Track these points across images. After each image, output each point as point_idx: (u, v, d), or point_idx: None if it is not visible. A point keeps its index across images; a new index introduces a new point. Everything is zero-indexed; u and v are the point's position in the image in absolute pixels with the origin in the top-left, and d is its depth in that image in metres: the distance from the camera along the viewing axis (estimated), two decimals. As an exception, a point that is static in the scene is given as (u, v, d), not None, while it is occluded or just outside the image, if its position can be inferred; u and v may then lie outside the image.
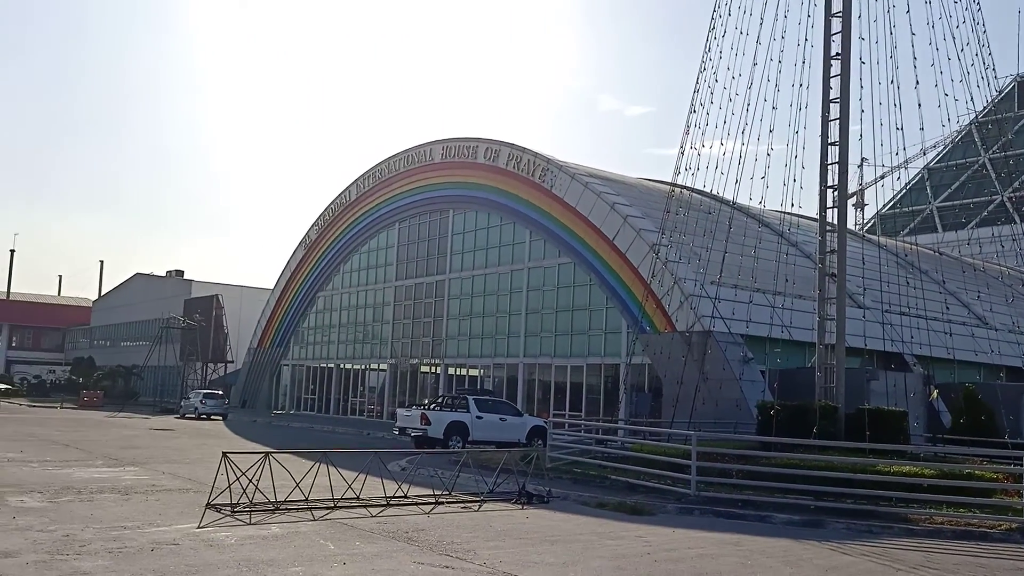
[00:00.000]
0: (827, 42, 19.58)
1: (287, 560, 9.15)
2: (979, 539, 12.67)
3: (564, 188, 33.36)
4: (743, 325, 24.30)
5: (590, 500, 14.97)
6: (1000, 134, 45.08)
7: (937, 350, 24.09)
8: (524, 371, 35.44)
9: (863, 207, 72.59)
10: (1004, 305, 29.87)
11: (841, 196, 19.35)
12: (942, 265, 33.23)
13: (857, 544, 11.87)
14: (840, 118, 19.19)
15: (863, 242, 32.94)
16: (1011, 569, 10.43)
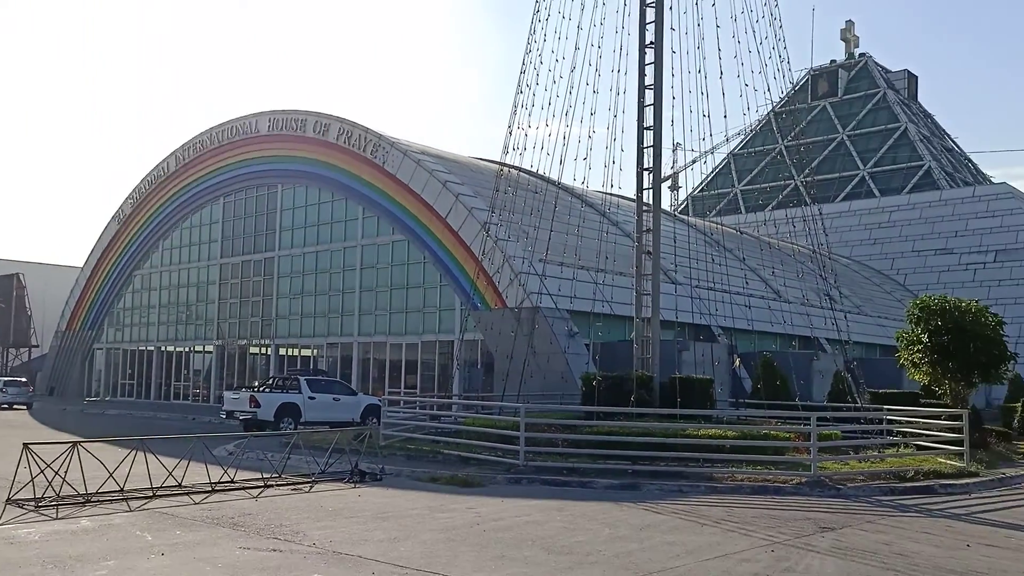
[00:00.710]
0: (642, 31, 20.63)
1: (99, 554, 8.80)
2: (774, 493, 14.09)
3: (396, 165, 33.22)
4: (568, 301, 25.35)
5: (423, 475, 15.28)
6: (794, 123, 49.41)
7: (740, 322, 26.22)
8: (359, 350, 35.20)
9: (677, 189, 77.31)
10: (796, 280, 32.89)
11: (656, 178, 20.58)
12: (744, 244, 36.09)
13: (668, 503, 12.89)
14: (654, 104, 20.34)
15: (676, 222, 35.12)
16: (801, 519, 11.70)
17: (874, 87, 72.40)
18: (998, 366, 23.18)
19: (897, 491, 14.47)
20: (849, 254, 59.80)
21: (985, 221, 57.67)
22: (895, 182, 66.43)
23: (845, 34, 77.00)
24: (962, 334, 22.25)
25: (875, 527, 11.15)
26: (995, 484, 15.96)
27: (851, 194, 67.92)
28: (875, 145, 69.39)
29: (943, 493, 14.57)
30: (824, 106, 74.01)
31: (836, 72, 74.79)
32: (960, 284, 51.97)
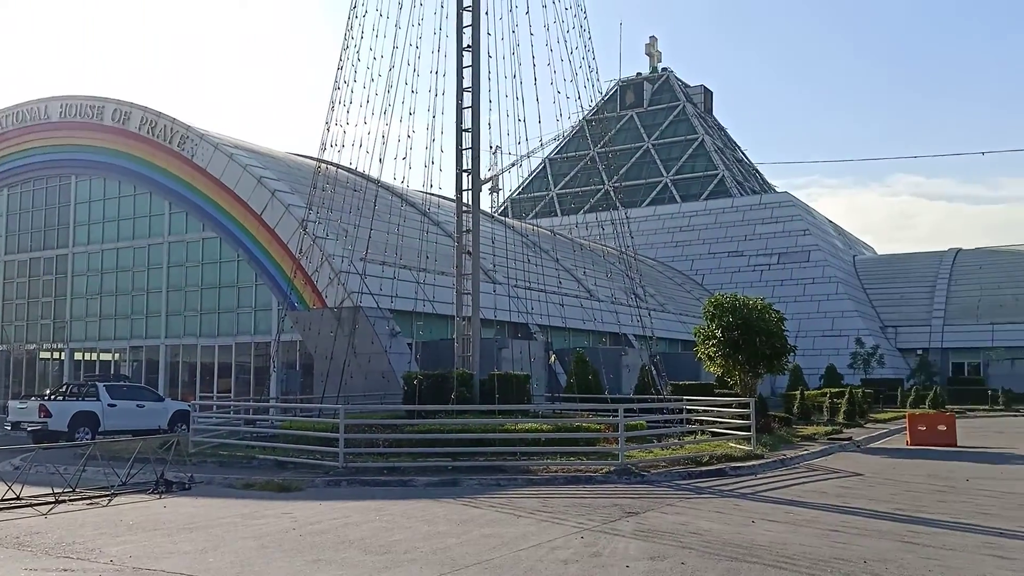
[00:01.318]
0: (459, 34, 21.01)
1: None
2: (586, 482, 14.84)
3: (207, 158, 31.65)
4: (390, 300, 25.33)
5: (236, 482, 14.76)
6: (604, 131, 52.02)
7: (555, 320, 27.35)
8: (167, 353, 33.23)
9: (498, 191, 79.05)
10: (606, 279, 34.73)
11: (474, 180, 21.04)
12: (559, 245, 37.56)
13: (487, 497, 13.26)
14: (472, 107, 20.78)
15: (496, 223, 35.95)
16: (609, 505, 12.41)
17: (675, 100, 77.55)
18: (780, 358, 25.65)
19: (694, 475, 15.68)
20: (654, 256, 63.66)
21: (770, 227, 63.36)
22: (694, 189, 71.55)
23: (649, 49, 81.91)
24: (750, 329, 24.41)
25: (674, 509, 12.06)
26: (777, 465, 17.68)
27: (656, 199, 72.34)
28: (676, 154, 74.40)
29: (733, 475, 15.95)
30: (631, 116, 78.32)
31: (642, 84, 79.40)
32: (749, 284, 56.74)
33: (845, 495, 13.70)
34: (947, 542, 9.76)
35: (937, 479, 15.92)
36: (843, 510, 12.13)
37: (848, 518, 11.46)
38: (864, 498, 13.35)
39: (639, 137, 76.85)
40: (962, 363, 54.87)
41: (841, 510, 12.13)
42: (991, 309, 55.29)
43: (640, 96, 78.65)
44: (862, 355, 50.17)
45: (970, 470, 17.41)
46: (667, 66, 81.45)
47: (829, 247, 64.12)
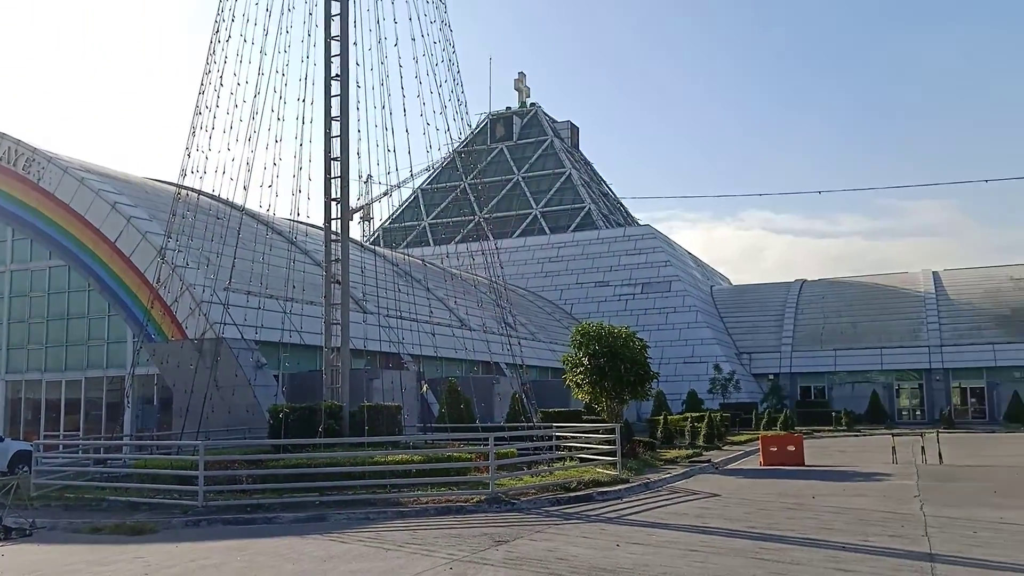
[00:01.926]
0: (327, 63, 20.84)
1: None
2: (457, 512, 14.82)
3: (55, 182, 29.80)
4: (255, 331, 24.52)
5: (83, 527, 13.83)
6: (475, 163, 52.72)
7: (427, 349, 27.25)
8: (7, 390, 30.79)
9: (370, 220, 78.47)
10: (477, 308, 34.99)
11: (344, 209, 20.80)
12: (431, 274, 37.56)
13: (355, 531, 13.02)
14: (341, 135, 20.61)
15: (366, 252, 35.61)
16: (479, 535, 12.45)
17: (543, 134, 79.67)
18: (644, 384, 26.57)
19: (563, 501, 15.98)
20: (525, 285, 64.71)
21: (634, 258, 65.79)
22: (563, 221, 73.47)
23: (518, 84, 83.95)
24: (615, 357, 25.19)
25: (543, 536, 12.25)
26: (642, 488, 18.28)
27: (526, 230, 73.73)
28: (545, 187, 76.28)
29: (600, 500, 16.36)
30: (502, 149, 79.78)
31: (511, 118, 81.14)
32: (615, 313, 58.56)
33: (704, 515, 14.32)
34: (795, 557, 10.39)
35: (787, 497, 16.89)
36: (701, 530, 12.68)
37: (706, 538, 11.99)
38: (721, 518, 14.00)
39: (509, 170, 78.28)
40: (809, 387, 58.50)
41: (700, 530, 12.68)
42: (833, 336, 59.36)
43: (510, 130, 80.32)
44: (720, 380, 52.61)
45: (816, 488, 18.57)
46: (535, 101, 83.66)
47: (689, 278, 67.14)
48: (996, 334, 55.18)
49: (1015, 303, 56.89)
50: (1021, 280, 59.08)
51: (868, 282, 65.60)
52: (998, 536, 11.69)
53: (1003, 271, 61.59)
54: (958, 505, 15.11)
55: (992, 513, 13.97)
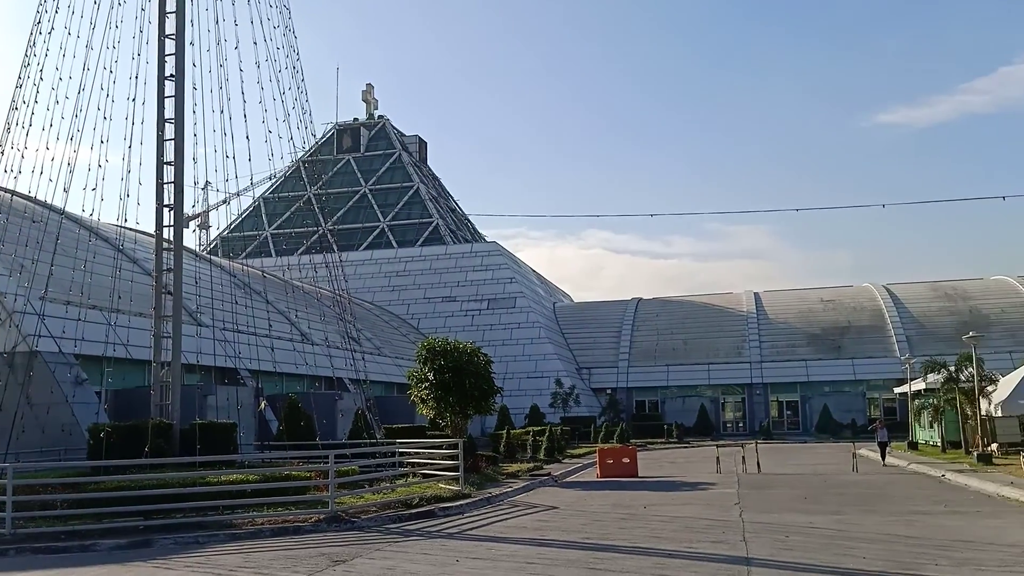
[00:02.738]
0: (161, 61, 19.77)
1: None
2: (294, 533, 14.38)
3: None
4: (75, 344, 22.83)
5: None
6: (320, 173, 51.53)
7: (266, 364, 26.31)
8: None
9: (208, 228, 75.00)
10: (320, 322, 34.22)
11: (177, 216, 19.78)
12: (272, 287, 36.37)
13: (183, 557, 12.35)
14: (175, 139, 19.59)
15: (202, 262, 34.01)
16: (316, 555, 12.14)
17: (391, 147, 79.29)
18: (488, 399, 26.88)
19: (404, 518, 15.88)
20: (372, 299, 63.91)
21: (480, 274, 66.56)
22: (410, 235, 73.24)
23: (366, 96, 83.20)
24: (460, 372, 25.34)
25: (383, 554, 12.12)
26: (483, 503, 18.46)
27: (373, 244, 72.92)
28: (393, 200, 75.82)
29: (442, 516, 16.38)
30: (349, 160, 78.67)
31: (359, 129, 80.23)
32: (462, 328, 58.95)
33: (542, 528, 14.66)
34: (625, 566, 10.83)
35: (621, 508, 17.58)
36: (539, 543, 12.97)
37: (543, 550, 12.28)
38: (558, 530, 14.38)
39: (356, 182, 77.25)
40: (644, 401, 61.22)
41: (537, 543, 12.96)
42: (666, 352, 62.46)
43: (357, 141, 79.35)
44: (561, 395, 54.02)
45: (648, 498, 19.45)
46: (383, 114, 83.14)
47: (533, 294, 68.67)
48: (808, 352, 59.93)
49: (825, 323, 62.06)
50: (831, 302, 64.55)
51: (697, 301, 69.59)
52: (808, 540, 12.69)
53: (815, 293, 67.07)
54: (773, 511, 16.27)
55: (803, 518, 15.14)
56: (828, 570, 10.22)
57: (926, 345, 53.49)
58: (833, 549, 11.76)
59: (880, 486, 21.24)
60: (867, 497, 18.59)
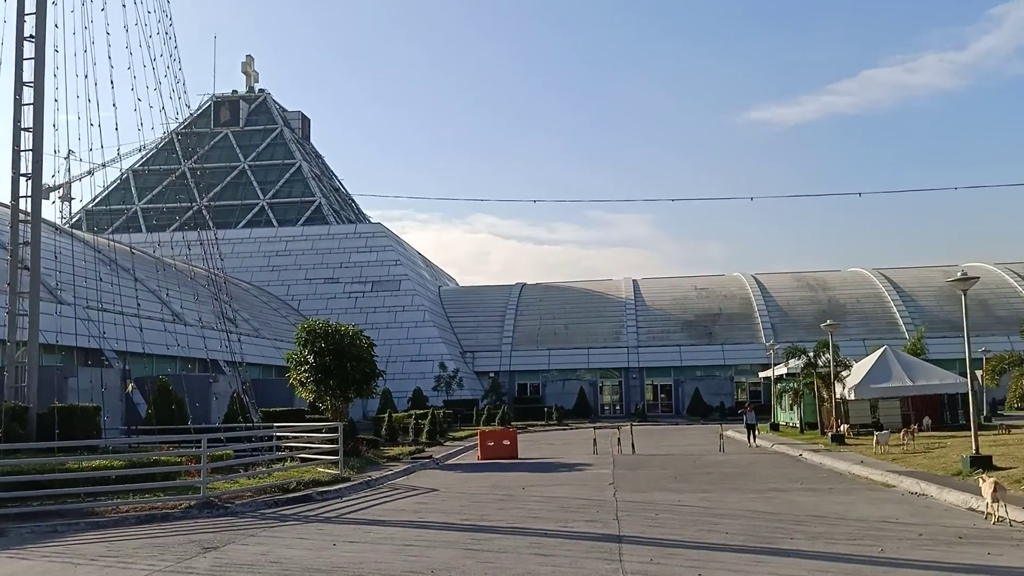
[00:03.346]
0: (20, 21, 18.38)
1: None
2: (162, 520, 13.84)
3: None
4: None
5: None
6: (195, 146, 49.27)
7: (134, 345, 25.11)
8: None
9: (70, 200, 70.44)
10: (194, 302, 32.90)
11: (35, 186, 18.51)
12: (142, 264, 34.63)
13: (40, 546, 11.69)
14: (34, 104, 18.32)
15: (62, 235, 31.96)
16: (186, 542, 11.73)
17: (273, 123, 76.79)
18: (370, 382, 26.63)
19: (281, 502, 15.57)
20: (250, 279, 61.91)
21: (364, 255, 65.63)
22: (291, 214, 71.27)
23: (246, 67, 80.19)
24: (341, 355, 24.97)
25: (257, 540, 11.85)
26: (363, 487, 18.32)
27: (252, 222, 70.56)
28: (274, 177, 73.53)
29: (320, 500, 16.15)
30: (227, 134, 75.70)
31: (238, 102, 77.26)
32: (344, 310, 58.02)
33: (422, 510, 14.70)
34: (503, 546, 11.02)
35: (500, 489, 17.84)
36: (418, 525, 13.01)
37: (422, 532, 12.33)
38: (438, 512, 14.46)
39: (235, 157, 74.49)
40: (526, 384, 62.14)
41: (417, 525, 13.00)
42: (548, 337, 63.57)
43: (236, 115, 76.40)
44: (444, 378, 54.15)
45: (527, 479, 19.81)
46: (265, 87, 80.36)
47: (418, 277, 68.31)
48: (682, 337, 62.36)
49: (698, 310, 64.68)
50: (704, 290, 67.30)
51: (579, 287, 71.08)
52: (676, 517, 13.27)
53: (689, 281, 69.77)
54: (645, 490, 16.91)
55: (673, 496, 15.81)
56: (694, 545, 10.73)
57: (789, 332, 56.63)
58: (699, 525, 12.35)
59: (744, 465, 22.40)
60: (732, 476, 19.58)
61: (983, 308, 56.59)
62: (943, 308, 58.41)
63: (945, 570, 8.95)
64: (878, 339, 49.96)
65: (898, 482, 16.93)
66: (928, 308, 59.90)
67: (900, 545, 10.42)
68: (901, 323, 58.94)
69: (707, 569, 9.18)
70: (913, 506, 14.00)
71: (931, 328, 53.81)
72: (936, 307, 59.29)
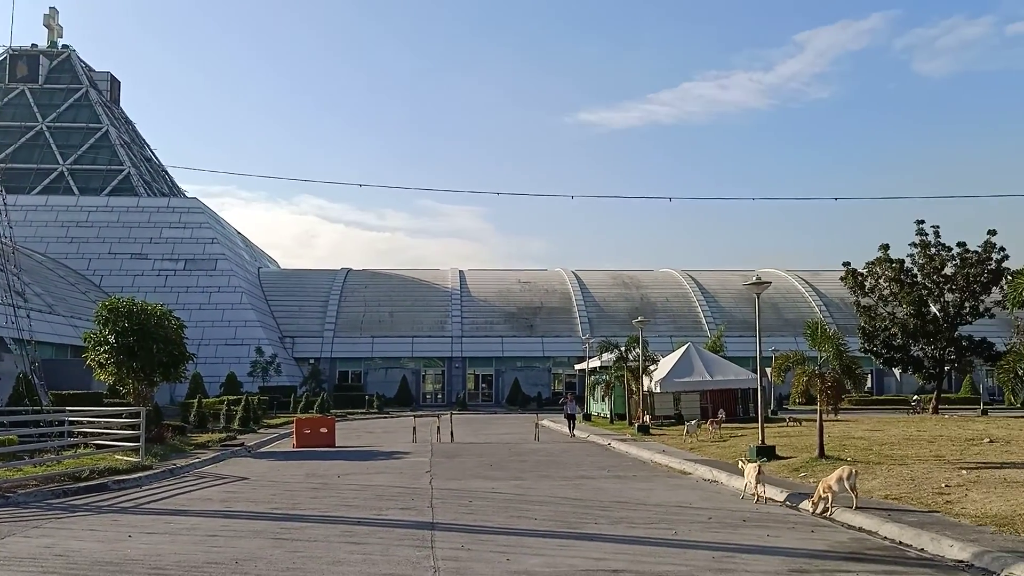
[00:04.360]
0: None
1: None
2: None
3: None
4: None
5: None
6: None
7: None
8: None
9: None
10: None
11: None
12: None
13: None
14: None
15: None
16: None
17: (77, 82, 70.69)
18: (178, 366, 25.26)
19: (71, 492, 14.45)
20: (44, 251, 56.80)
21: (178, 231, 61.90)
22: (95, 183, 65.94)
23: (48, 20, 73.28)
24: (147, 336, 23.50)
25: (41, 531, 10.93)
26: (166, 475, 17.35)
27: (49, 188, 64.74)
28: (76, 142, 67.71)
29: (116, 489, 15.14)
30: (23, 90, 68.96)
31: (38, 57, 70.56)
32: (153, 289, 54.52)
33: (229, 500, 14.13)
34: (314, 534, 10.82)
35: (315, 477, 17.48)
36: (225, 514, 12.50)
37: (229, 522, 11.86)
38: (247, 501, 13.97)
39: (32, 116, 67.94)
40: (348, 371, 61.10)
41: (223, 515, 12.48)
42: (372, 324, 62.82)
43: (35, 70, 69.62)
44: (261, 364, 52.27)
45: (343, 467, 19.53)
46: (69, 43, 73.76)
47: (237, 257, 65.31)
48: (504, 329, 63.65)
49: (521, 303, 66.26)
50: (527, 284, 69.02)
51: (406, 275, 70.76)
52: (489, 504, 13.57)
53: (514, 274, 71.34)
54: (461, 478, 17.16)
55: (487, 484, 16.15)
56: (504, 531, 11.03)
57: (605, 327, 59.23)
58: (510, 512, 12.70)
59: (556, 454, 23.25)
60: (544, 464, 20.27)
61: (775, 311, 61.85)
62: (741, 309, 63.24)
63: (729, 550, 9.74)
64: (684, 336, 53.31)
65: (694, 470, 18.22)
66: (728, 309, 64.63)
67: (692, 528, 11.22)
68: (704, 322, 63.21)
69: (515, 554, 9.47)
70: (706, 492, 15.11)
71: (730, 327, 58.16)
72: (735, 308, 64.08)
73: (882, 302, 42.19)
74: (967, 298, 40.10)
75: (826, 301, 64.95)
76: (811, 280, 68.64)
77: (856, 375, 19.48)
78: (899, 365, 42.99)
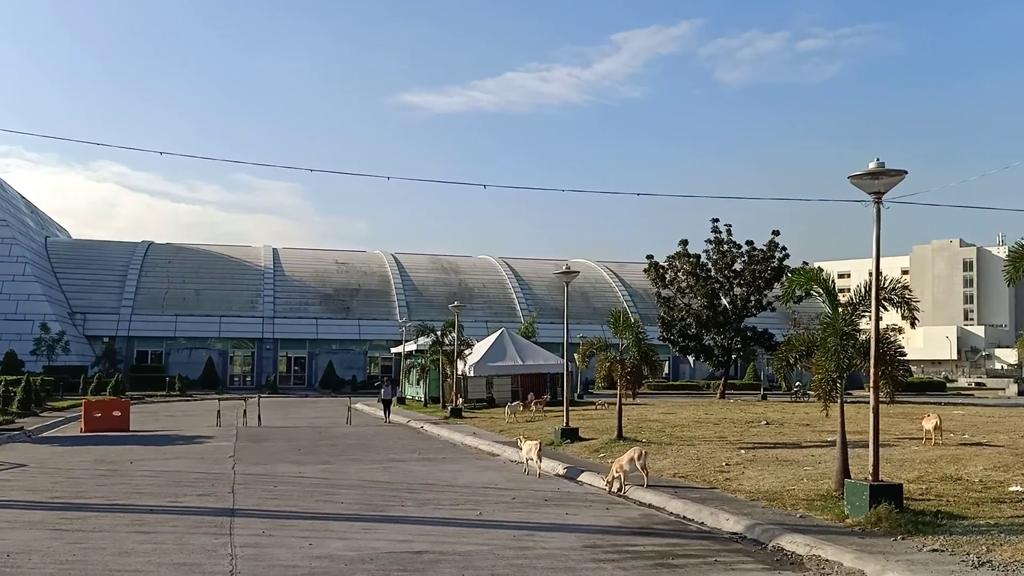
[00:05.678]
0: None
1: None
2: None
3: None
4: None
5: None
6: None
7: None
8: None
9: None
10: None
11: None
12: None
13: None
14: None
15: None
16: None
17: None
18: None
19: None
20: None
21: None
22: None
23: None
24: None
25: None
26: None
27: None
28: None
29: None
30: None
31: None
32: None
33: (4, 488, 12.96)
34: (99, 524, 10.15)
35: (104, 464, 16.36)
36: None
37: (1, 512, 10.87)
38: (23, 489, 12.87)
39: None
40: (147, 351, 57.30)
41: (-6, 506, 11.43)
42: (176, 302, 59.24)
43: None
44: (47, 341, 48.11)
45: (137, 453, 18.40)
46: None
47: (20, 225, 59.40)
48: (320, 310, 62.19)
49: (338, 284, 64.96)
50: (344, 265, 67.74)
51: (215, 251, 67.26)
52: (294, 489, 13.29)
53: (331, 255, 69.75)
54: (266, 463, 16.67)
55: (294, 469, 15.79)
56: (309, 516, 10.86)
57: (423, 311, 59.33)
58: (317, 496, 12.52)
59: (368, 437, 23.11)
60: (354, 447, 20.10)
61: (584, 299, 64.56)
62: (553, 297, 65.44)
63: (530, 529, 10.15)
64: (499, 322, 54.46)
65: (501, 451, 18.75)
66: (541, 296, 66.72)
67: (496, 508, 11.58)
68: (519, 308, 64.89)
69: (318, 538, 9.36)
70: (512, 473, 15.61)
71: (542, 314, 60.10)
72: (548, 296, 66.23)
73: (680, 294, 45.23)
74: (753, 292, 43.83)
75: (631, 291, 68.59)
76: (618, 271, 72.18)
77: (653, 361, 20.79)
78: (693, 353, 46.31)
